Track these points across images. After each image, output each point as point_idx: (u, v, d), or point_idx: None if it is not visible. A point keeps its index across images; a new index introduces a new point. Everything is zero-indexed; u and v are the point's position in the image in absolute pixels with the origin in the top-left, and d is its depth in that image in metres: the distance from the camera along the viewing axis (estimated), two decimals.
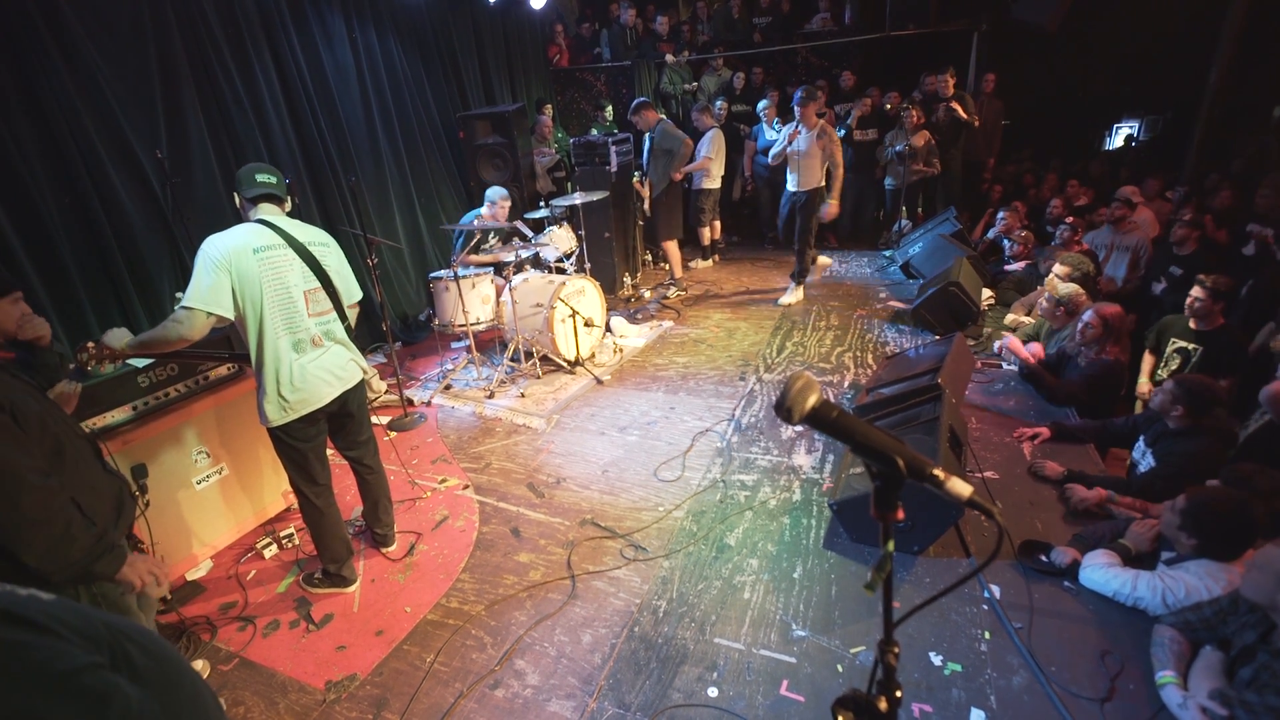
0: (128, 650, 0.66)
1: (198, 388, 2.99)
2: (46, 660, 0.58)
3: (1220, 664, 1.96)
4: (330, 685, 2.40)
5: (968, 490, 0.80)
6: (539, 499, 3.41)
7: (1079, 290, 4.00)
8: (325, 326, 2.55)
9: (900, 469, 0.79)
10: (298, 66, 4.87)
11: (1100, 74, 8.10)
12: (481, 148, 6.20)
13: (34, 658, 0.58)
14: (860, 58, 7.65)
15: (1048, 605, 2.47)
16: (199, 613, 2.81)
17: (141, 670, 0.64)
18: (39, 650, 0.59)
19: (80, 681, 0.59)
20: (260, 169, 2.44)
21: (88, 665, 0.61)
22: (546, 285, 4.71)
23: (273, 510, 3.39)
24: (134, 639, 0.67)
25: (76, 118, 3.54)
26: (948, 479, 0.80)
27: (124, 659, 0.64)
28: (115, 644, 0.64)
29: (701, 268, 7.32)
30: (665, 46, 8.25)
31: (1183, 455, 2.78)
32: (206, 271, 2.24)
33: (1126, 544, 2.51)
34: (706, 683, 2.28)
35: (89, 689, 0.59)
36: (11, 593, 0.63)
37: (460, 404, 4.52)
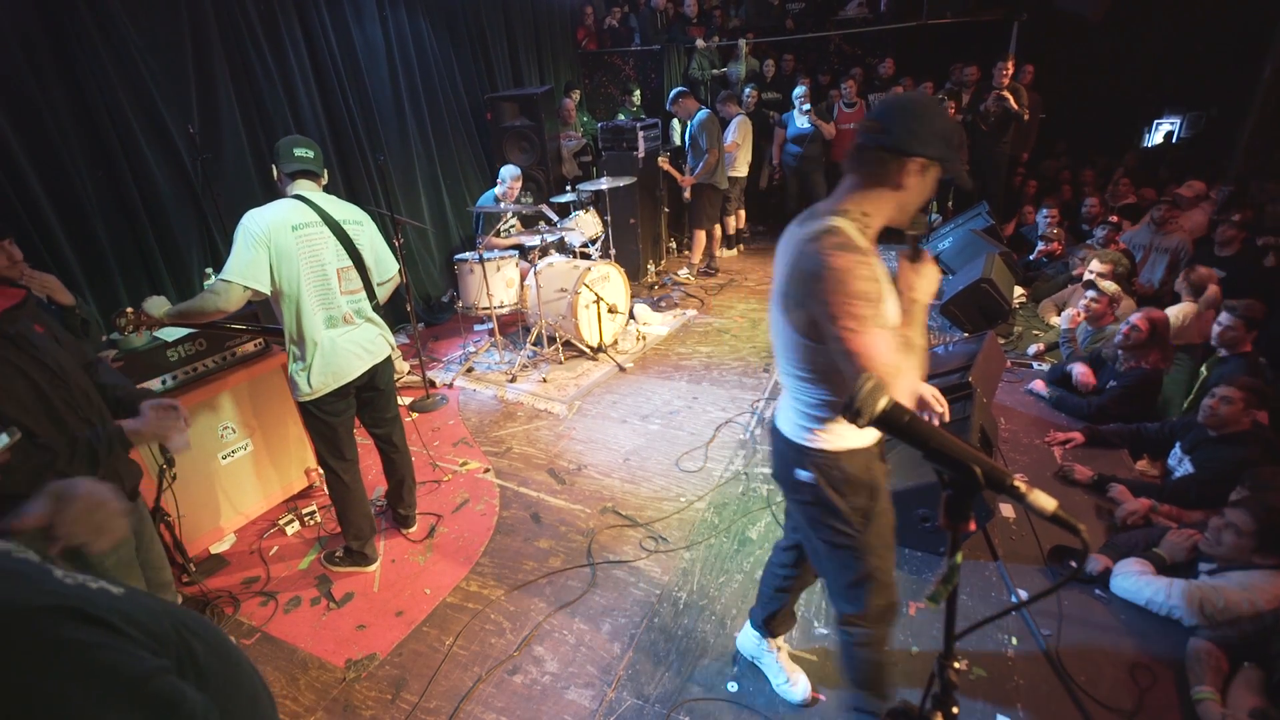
0: (193, 648, 0.64)
1: (226, 363, 3.00)
2: (116, 663, 0.57)
3: (1261, 682, 1.90)
4: (350, 664, 2.42)
5: (1053, 504, 0.76)
6: (560, 485, 3.40)
7: (1118, 289, 3.88)
8: (356, 304, 2.56)
9: (978, 478, 0.75)
10: (328, 43, 4.85)
11: (1142, 67, 7.84)
12: (508, 130, 6.16)
13: (104, 660, 0.56)
14: (894, 47, 7.47)
15: (1078, 613, 2.41)
16: (222, 586, 2.85)
17: (206, 670, 0.63)
18: (109, 652, 0.57)
19: (148, 688, 0.57)
20: (298, 142, 2.43)
21: (156, 670, 0.59)
22: (571, 270, 4.68)
23: (296, 487, 3.41)
24: (200, 635, 0.66)
25: (111, 90, 3.55)
26: (1030, 491, 0.75)
27: (189, 659, 0.62)
28: (181, 642, 0.63)
29: (726, 257, 7.25)
30: (695, 30, 8.12)
31: (1224, 462, 2.70)
32: (246, 246, 2.24)
33: (1160, 553, 2.45)
34: (726, 677, 2.26)
35: (156, 695, 0.58)
36: (84, 587, 0.61)
37: (482, 387, 4.52)
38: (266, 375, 3.16)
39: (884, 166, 1.36)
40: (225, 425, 3.04)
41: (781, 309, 1.47)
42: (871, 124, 1.36)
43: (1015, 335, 4.83)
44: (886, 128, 1.33)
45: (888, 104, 1.39)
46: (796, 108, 7.02)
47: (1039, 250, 5.63)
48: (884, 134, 1.33)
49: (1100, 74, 7.92)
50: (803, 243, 1.37)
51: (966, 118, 6.63)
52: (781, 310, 1.47)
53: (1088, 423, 3.49)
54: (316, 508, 3.25)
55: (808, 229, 1.39)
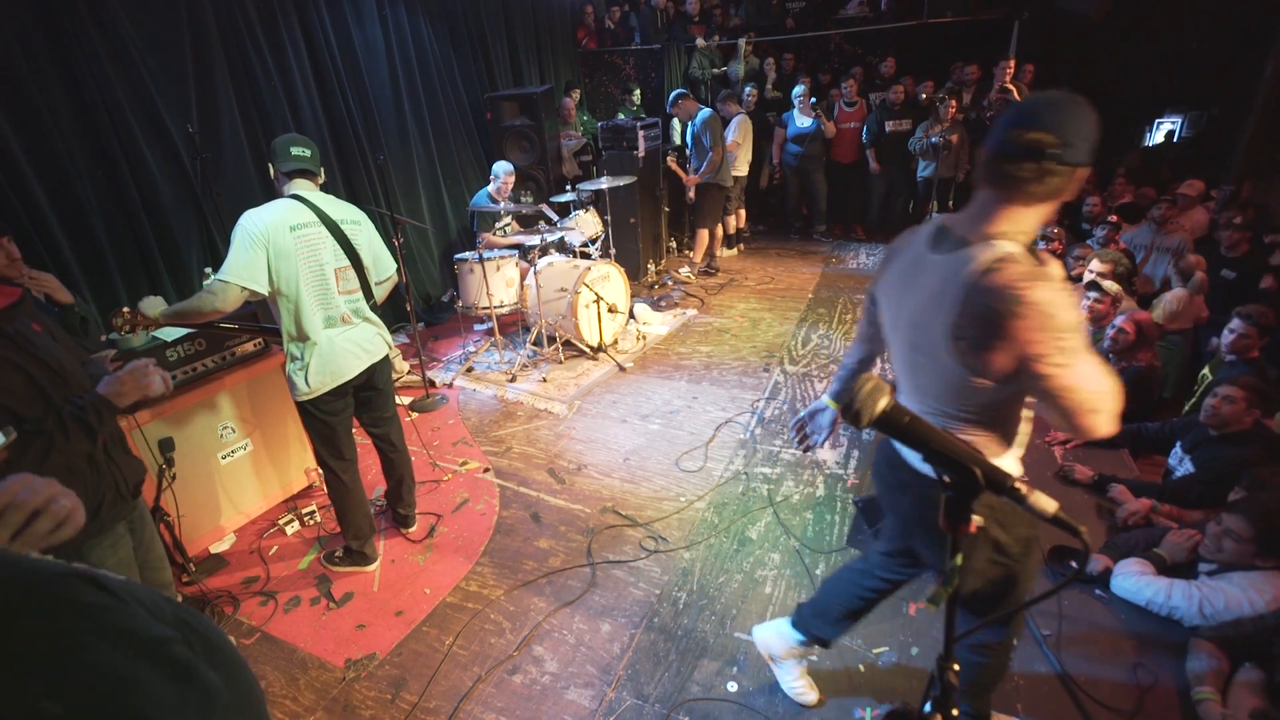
0: (196, 633, 0.65)
1: (225, 363, 3.00)
2: (136, 627, 0.58)
3: (1262, 683, 1.89)
4: (350, 663, 2.42)
5: (1053, 506, 0.75)
6: (559, 485, 3.40)
7: (1120, 289, 3.88)
8: (354, 304, 2.56)
9: (978, 480, 0.75)
10: (328, 43, 4.84)
11: (1143, 67, 7.84)
12: (508, 129, 6.15)
13: (123, 623, 0.57)
14: (895, 45, 7.47)
15: (1078, 613, 2.41)
16: (222, 585, 2.84)
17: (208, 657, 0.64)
18: (126, 618, 0.58)
19: (167, 651, 0.58)
20: (294, 141, 2.43)
21: (170, 638, 0.60)
22: (571, 270, 4.68)
23: (296, 487, 3.41)
24: (199, 630, 0.66)
25: (110, 90, 3.55)
26: (1030, 493, 0.75)
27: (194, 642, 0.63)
28: (185, 632, 0.63)
29: (726, 256, 7.24)
30: (696, 29, 8.11)
31: (1225, 462, 2.69)
32: (244, 247, 2.24)
33: (1161, 553, 2.44)
34: (726, 677, 2.26)
35: (174, 659, 0.58)
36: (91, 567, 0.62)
37: (482, 387, 4.52)
38: (266, 375, 3.16)
39: (1052, 181, 1.18)
40: (225, 425, 3.04)
41: (950, 351, 1.24)
42: (1042, 136, 1.15)
43: None
44: (1067, 140, 1.15)
45: (1059, 110, 1.19)
46: (796, 107, 7.02)
47: (1043, 247, 5.62)
48: (1064, 148, 1.15)
49: (1101, 74, 7.91)
50: (976, 276, 1.18)
51: (970, 115, 6.62)
52: (950, 353, 1.24)
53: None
54: (316, 507, 3.25)
55: (974, 259, 1.19)
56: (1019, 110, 1.20)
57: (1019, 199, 1.21)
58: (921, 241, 1.30)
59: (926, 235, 1.30)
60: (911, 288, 1.28)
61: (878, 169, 7.21)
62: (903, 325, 1.33)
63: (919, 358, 1.33)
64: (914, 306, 1.29)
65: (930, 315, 1.26)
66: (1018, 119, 1.19)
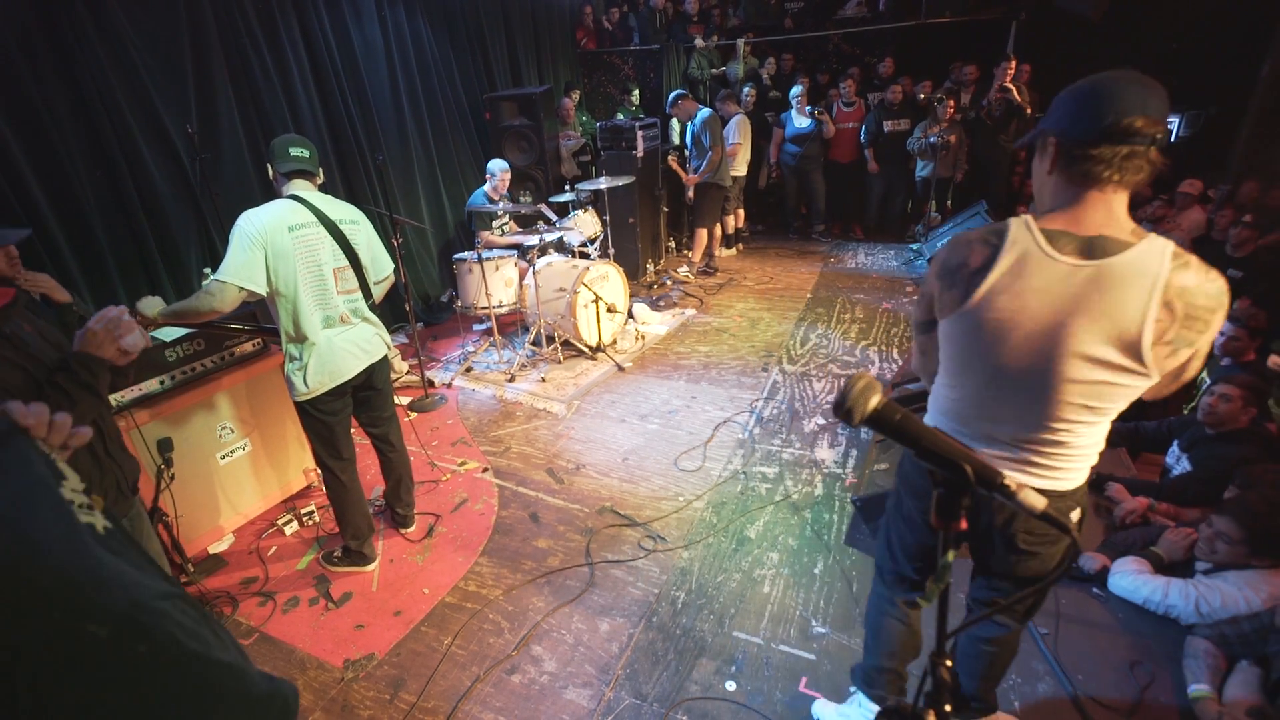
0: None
1: (224, 363, 3.01)
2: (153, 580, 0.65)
3: (1258, 681, 1.90)
4: (348, 664, 2.42)
5: (1042, 503, 0.76)
6: (558, 485, 3.41)
7: None
8: (353, 304, 2.56)
9: (969, 477, 0.75)
10: (327, 43, 4.85)
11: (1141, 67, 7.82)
12: (507, 129, 6.16)
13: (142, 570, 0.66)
14: (893, 46, 7.48)
15: (1075, 612, 2.41)
16: (221, 586, 2.84)
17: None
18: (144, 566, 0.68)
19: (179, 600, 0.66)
20: (293, 141, 2.43)
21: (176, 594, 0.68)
22: (570, 270, 4.68)
23: (294, 487, 3.42)
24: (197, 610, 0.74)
25: (109, 89, 3.55)
26: (1020, 490, 0.76)
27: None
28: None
29: (725, 256, 7.25)
30: (695, 29, 8.12)
31: (1222, 460, 2.70)
32: (242, 247, 2.24)
33: (1158, 552, 2.45)
34: (724, 676, 2.26)
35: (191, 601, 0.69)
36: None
37: (481, 387, 4.52)
38: (265, 375, 3.16)
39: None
40: (224, 425, 3.04)
41: (1142, 357, 1.16)
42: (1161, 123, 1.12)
43: None
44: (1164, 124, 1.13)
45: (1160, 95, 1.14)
46: (794, 107, 7.03)
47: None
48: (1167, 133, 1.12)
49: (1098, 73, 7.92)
50: (1177, 275, 1.13)
51: (969, 115, 6.63)
52: (1138, 358, 1.16)
53: None
54: (315, 507, 3.25)
55: (1170, 264, 1.13)
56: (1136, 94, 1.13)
57: (1129, 190, 1.18)
58: (1046, 252, 1.17)
59: (1046, 243, 1.18)
60: (1067, 314, 1.17)
61: (876, 169, 7.22)
62: (1029, 356, 1.22)
63: (1080, 369, 1.21)
64: (1065, 333, 1.18)
65: (1097, 328, 1.17)
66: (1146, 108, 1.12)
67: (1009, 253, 1.19)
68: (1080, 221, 1.18)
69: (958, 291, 1.23)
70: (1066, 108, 1.20)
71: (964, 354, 1.31)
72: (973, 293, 1.21)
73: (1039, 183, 1.28)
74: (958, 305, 1.24)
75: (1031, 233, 1.19)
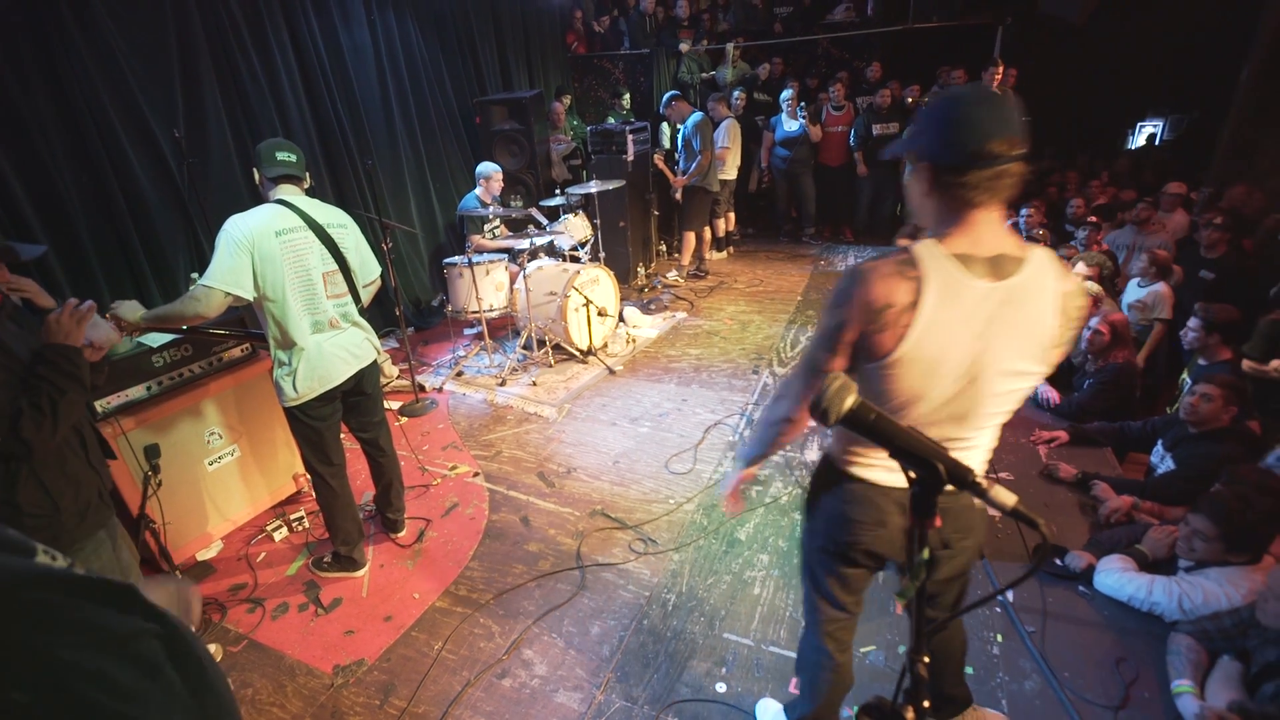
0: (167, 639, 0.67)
1: (212, 368, 2.99)
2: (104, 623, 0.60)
3: (1239, 675, 1.92)
4: (338, 669, 2.41)
5: (1013, 499, 0.77)
6: (549, 488, 3.41)
7: (1102, 291, 3.93)
8: (342, 309, 2.56)
9: (941, 475, 0.76)
10: (315, 47, 4.84)
11: (1126, 71, 7.95)
12: (498, 134, 6.16)
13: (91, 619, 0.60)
14: (882, 50, 7.54)
15: (1062, 609, 2.44)
16: (209, 593, 2.83)
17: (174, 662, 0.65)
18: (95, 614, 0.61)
19: (133, 647, 0.60)
20: (279, 146, 2.42)
21: (141, 631, 0.62)
22: (560, 274, 4.69)
23: (283, 493, 3.40)
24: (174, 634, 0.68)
25: (95, 94, 3.53)
26: (991, 486, 0.77)
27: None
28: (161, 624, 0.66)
29: (716, 259, 7.28)
30: (685, 34, 8.16)
31: (1204, 458, 2.74)
32: (229, 252, 2.23)
33: (1143, 549, 2.48)
34: (715, 678, 2.27)
35: (140, 655, 0.61)
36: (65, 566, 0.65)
37: (472, 391, 4.52)
38: (253, 380, 3.15)
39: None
40: (212, 431, 3.02)
41: (1044, 360, 1.27)
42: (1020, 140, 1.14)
43: None
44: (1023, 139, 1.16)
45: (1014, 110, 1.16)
46: (784, 111, 7.07)
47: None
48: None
49: (1085, 78, 8.02)
50: (1062, 283, 1.23)
51: None
52: (1044, 363, 1.27)
53: (1071, 421, 3.53)
54: (305, 513, 3.24)
55: (1056, 274, 1.23)
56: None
57: (1005, 204, 1.21)
58: (964, 278, 1.18)
59: (960, 269, 1.18)
60: (994, 332, 1.21)
61: (865, 172, 7.27)
62: (969, 370, 1.24)
63: (1010, 383, 1.28)
64: (996, 347, 1.23)
65: (1021, 346, 1.24)
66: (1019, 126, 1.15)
67: (931, 284, 1.17)
68: (978, 242, 1.19)
69: (888, 335, 1.18)
70: (930, 134, 1.19)
71: (889, 391, 1.27)
72: (907, 334, 1.18)
73: (918, 203, 1.27)
74: (891, 349, 1.20)
75: (945, 260, 1.19)
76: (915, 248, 1.19)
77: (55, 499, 1.69)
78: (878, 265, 1.19)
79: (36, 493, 1.66)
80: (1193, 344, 3.26)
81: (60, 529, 1.71)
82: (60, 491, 1.70)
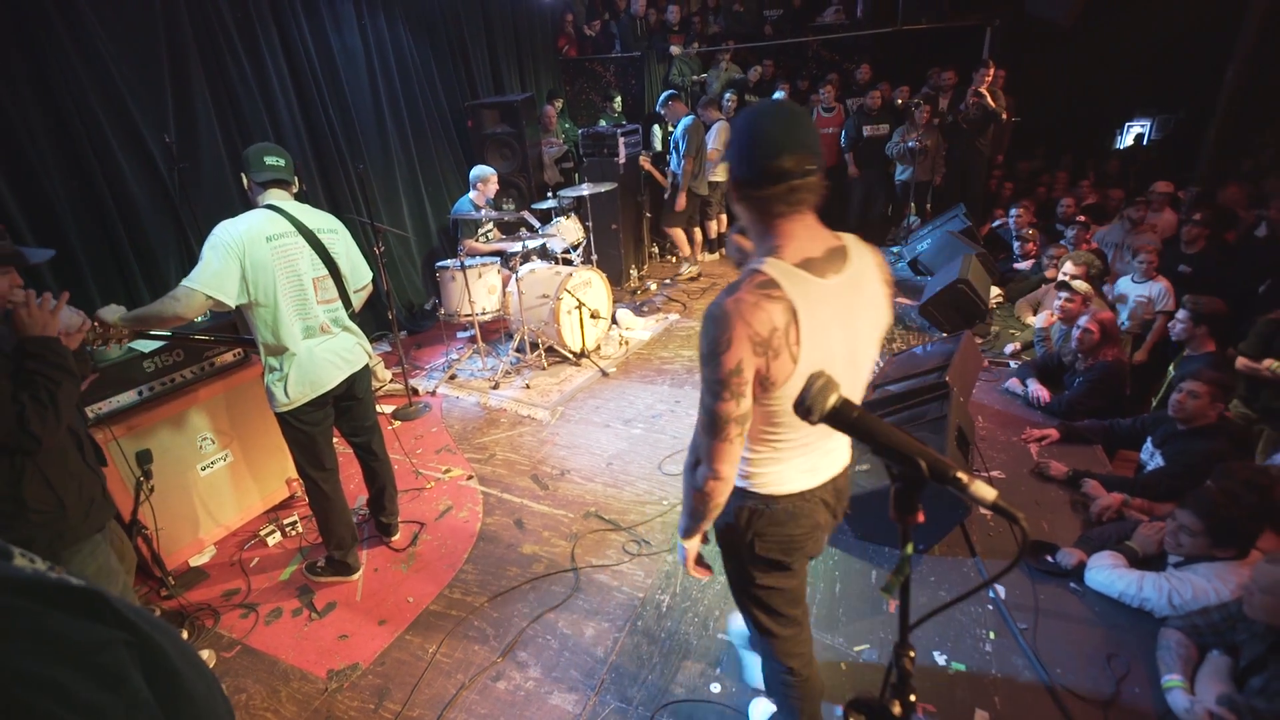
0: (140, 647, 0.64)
1: (204, 374, 2.99)
2: (62, 632, 0.58)
3: (1228, 669, 1.94)
4: (332, 674, 2.41)
5: (992, 494, 0.78)
6: (543, 491, 3.41)
7: (1090, 289, 3.97)
8: (333, 314, 2.55)
9: (923, 471, 0.77)
10: (306, 52, 4.83)
11: (1113, 72, 8.02)
12: (490, 137, 6.17)
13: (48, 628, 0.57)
14: (871, 52, 7.59)
15: (1053, 606, 2.45)
16: (202, 599, 2.82)
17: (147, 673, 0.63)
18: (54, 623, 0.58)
19: (95, 658, 0.58)
20: (268, 150, 2.42)
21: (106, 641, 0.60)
22: (553, 276, 4.70)
23: (276, 497, 3.39)
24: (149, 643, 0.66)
25: (84, 99, 3.52)
26: (971, 482, 0.78)
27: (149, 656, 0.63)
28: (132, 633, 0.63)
29: (708, 261, 7.29)
30: (676, 39, 8.19)
31: (1193, 454, 2.76)
32: (217, 257, 2.22)
33: (1133, 546, 2.50)
34: (709, 678, 2.28)
35: (102, 666, 0.58)
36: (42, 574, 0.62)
37: (465, 394, 4.52)
38: (245, 385, 3.14)
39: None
40: (204, 436, 3.01)
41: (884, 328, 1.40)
42: (809, 154, 1.23)
43: (992, 335, 4.90)
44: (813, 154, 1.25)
45: (805, 125, 1.25)
46: None
47: (1019, 250, 5.73)
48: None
49: (1072, 78, 8.08)
50: (874, 255, 1.38)
51: (946, 119, 6.73)
52: (883, 329, 1.40)
53: (1062, 419, 3.56)
54: (298, 518, 3.23)
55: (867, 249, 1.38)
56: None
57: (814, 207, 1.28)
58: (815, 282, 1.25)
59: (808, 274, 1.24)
60: (853, 316, 1.31)
61: (856, 173, 7.30)
62: (848, 357, 1.34)
63: (860, 374, 1.41)
64: (859, 328, 1.34)
65: (874, 321, 1.37)
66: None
67: (797, 297, 1.20)
68: (807, 246, 1.25)
69: (785, 356, 1.21)
70: (732, 152, 1.25)
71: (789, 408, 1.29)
72: (800, 349, 1.22)
73: (747, 223, 1.31)
74: (793, 367, 1.23)
75: (794, 271, 1.23)
76: (764, 270, 1.22)
77: (60, 495, 1.70)
78: (740, 300, 1.19)
79: (42, 489, 1.68)
80: (1180, 335, 3.35)
81: (65, 525, 1.73)
82: (65, 488, 1.72)
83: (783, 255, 1.23)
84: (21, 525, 1.64)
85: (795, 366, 1.23)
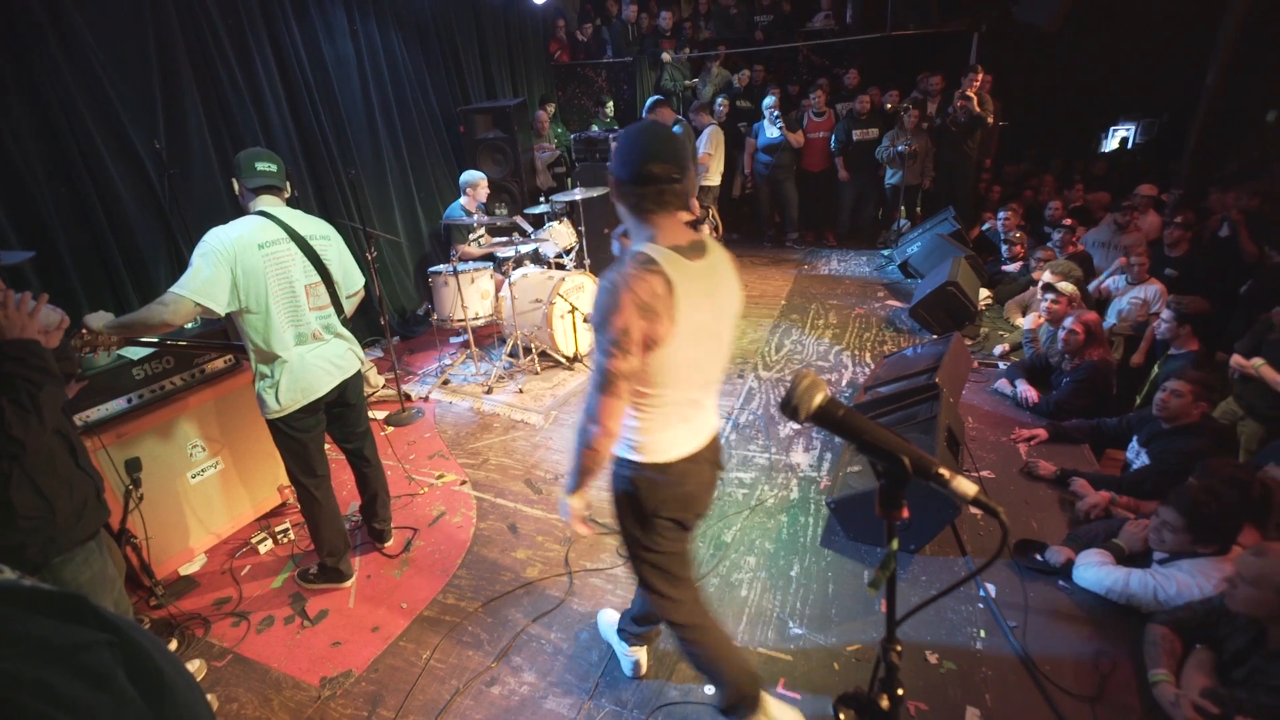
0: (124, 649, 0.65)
1: (194, 380, 2.97)
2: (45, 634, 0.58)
3: (1212, 662, 1.97)
4: (325, 681, 2.40)
5: (973, 489, 0.80)
6: (536, 495, 3.41)
7: (1075, 291, 4.01)
8: (325, 320, 2.55)
9: (906, 468, 0.79)
10: (298, 58, 4.84)
11: (1097, 76, 8.12)
12: (482, 142, 6.19)
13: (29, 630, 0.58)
14: (861, 57, 7.66)
15: (1042, 604, 2.48)
16: (193, 608, 2.80)
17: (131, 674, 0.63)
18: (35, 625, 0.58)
19: (81, 658, 0.58)
20: (259, 156, 2.41)
21: (90, 643, 0.60)
22: (546, 281, 4.71)
23: (268, 505, 3.37)
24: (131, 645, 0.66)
25: (73, 105, 3.51)
26: (953, 478, 0.80)
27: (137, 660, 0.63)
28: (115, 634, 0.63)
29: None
30: (667, 44, 8.23)
31: (1177, 453, 2.80)
32: (208, 264, 2.21)
33: (1120, 544, 2.53)
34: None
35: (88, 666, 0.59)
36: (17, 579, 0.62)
37: (458, 399, 4.51)
38: (235, 392, 3.13)
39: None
40: (194, 443, 3.00)
41: (739, 312, 1.68)
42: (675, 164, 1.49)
43: (982, 336, 4.94)
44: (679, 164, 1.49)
45: (672, 142, 1.50)
46: (767, 118, 7.14)
47: (1007, 252, 5.78)
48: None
49: (1058, 82, 8.18)
50: (726, 252, 1.65)
51: (934, 123, 6.79)
52: (738, 313, 1.68)
53: (1050, 419, 3.59)
54: (290, 525, 3.22)
55: (720, 247, 1.65)
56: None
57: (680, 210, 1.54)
58: (684, 262, 1.48)
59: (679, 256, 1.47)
60: (715, 294, 1.56)
61: (846, 177, 7.36)
62: (713, 329, 1.58)
63: (723, 347, 1.65)
64: (720, 304, 1.58)
65: (732, 301, 1.63)
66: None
67: (672, 273, 1.43)
68: (675, 237, 1.50)
69: (665, 319, 1.42)
70: (615, 159, 1.49)
71: (674, 359, 1.50)
72: (676, 313, 1.44)
73: (626, 217, 1.54)
74: (673, 326, 1.44)
75: (669, 252, 1.46)
76: (645, 251, 1.45)
77: (50, 500, 1.69)
78: (627, 274, 1.42)
79: (30, 495, 1.66)
80: (1165, 334, 3.43)
81: (56, 530, 1.71)
82: (55, 493, 1.71)
83: (658, 241, 1.48)
84: (11, 532, 1.63)
85: (674, 327, 1.44)
